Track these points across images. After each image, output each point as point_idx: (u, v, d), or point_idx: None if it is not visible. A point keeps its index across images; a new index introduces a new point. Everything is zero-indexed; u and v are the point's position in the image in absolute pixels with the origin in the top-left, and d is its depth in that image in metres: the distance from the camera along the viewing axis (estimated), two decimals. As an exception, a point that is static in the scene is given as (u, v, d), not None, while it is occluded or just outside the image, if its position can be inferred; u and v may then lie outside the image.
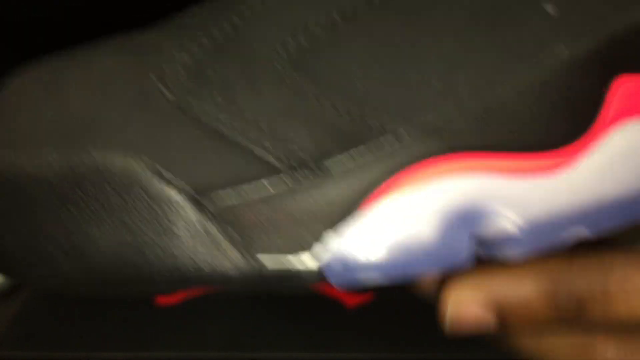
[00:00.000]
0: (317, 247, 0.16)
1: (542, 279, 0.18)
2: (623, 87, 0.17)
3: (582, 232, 0.17)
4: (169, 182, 0.16)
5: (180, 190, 0.16)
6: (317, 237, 0.16)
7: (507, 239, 0.17)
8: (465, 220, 0.16)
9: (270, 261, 0.16)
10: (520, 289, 0.18)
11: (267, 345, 0.35)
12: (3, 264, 0.18)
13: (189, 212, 0.16)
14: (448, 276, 0.18)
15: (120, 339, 0.38)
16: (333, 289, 0.32)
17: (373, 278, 0.16)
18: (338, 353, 0.33)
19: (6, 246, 0.18)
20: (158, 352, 0.37)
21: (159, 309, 0.38)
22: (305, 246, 0.16)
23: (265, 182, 0.16)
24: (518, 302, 0.18)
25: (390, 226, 0.16)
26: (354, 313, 0.34)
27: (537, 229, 0.17)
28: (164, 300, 0.38)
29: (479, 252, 0.17)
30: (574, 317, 0.18)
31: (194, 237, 0.16)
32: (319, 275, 0.16)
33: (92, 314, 0.40)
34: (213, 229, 0.16)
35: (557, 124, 0.17)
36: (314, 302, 0.35)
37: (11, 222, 0.17)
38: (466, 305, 0.18)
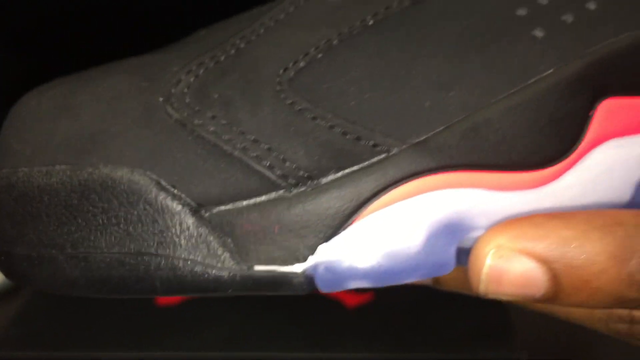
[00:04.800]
0: (310, 258, 0.17)
1: (614, 235, 0.15)
2: (607, 108, 0.18)
3: None
4: (172, 196, 0.17)
5: (183, 203, 0.17)
6: (310, 248, 0.17)
7: None
8: (450, 231, 0.17)
9: (265, 270, 0.17)
10: (585, 245, 0.15)
11: (267, 345, 0.35)
12: (10, 267, 0.19)
13: (190, 223, 0.17)
14: None
15: (121, 339, 0.38)
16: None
17: (361, 284, 0.17)
18: (338, 353, 0.33)
19: (15, 250, 0.19)
20: (158, 352, 0.37)
21: (159, 309, 0.38)
22: (299, 257, 0.17)
23: (263, 197, 0.17)
24: (580, 261, 0.14)
25: (379, 237, 0.17)
26: (354, 313, 0.34)
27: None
28: (165, 300, 0.38)
29: (462, 260, 0.18)
30: None
31: (194, 246, 0.17)
32: (310, 284, 0.17)
33: (93, 314, 0.40)
34: (211, 239, 0.17)
35: (543, 144, 0.18)
36: (314, 302, 0.35)
37: (21, 228, 0.18)
38: (513, 257, 0.15)
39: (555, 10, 0.19)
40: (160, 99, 0.18)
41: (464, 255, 0.18)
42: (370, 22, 0.19)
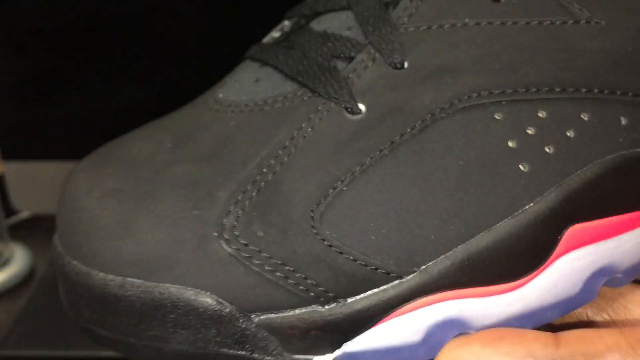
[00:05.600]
0: (337, 351, 0.23)
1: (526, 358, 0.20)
2: (572, 233, 0.23)
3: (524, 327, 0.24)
4: (229, 309, 0.22)
5: (237, 314, 0.22)
6: (337, 345, 0.23)
7: None
8: (444, 331, 0.23)
9: (300, 358, 0.23)
10: None
11: None
12: (92, 338, 0.24)
13: (244, 327, 0.23)
14: None
15: None
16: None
17: None
18: None
19: (97, 330, 0.24)
20: None
21: None
22: (328, 350, 0.23)
23: (302, 310, 0.22)
24: None
25: (389, 338, 0.23)
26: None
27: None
28: None
29: None
30: None
31: (247, 344, 0.23)
32: None
33: None
34: (261, 337, 0.23)
35: (519, 264, 0.23)
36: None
37: (101, 317, 0.23)
38: None
39: (540, 140, 0.23)
40: (215, 234, 0.22)
41: None
42: (386, 152, 0.23)
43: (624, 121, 0.23)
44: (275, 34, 0.29)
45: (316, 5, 0.27)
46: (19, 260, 0.52)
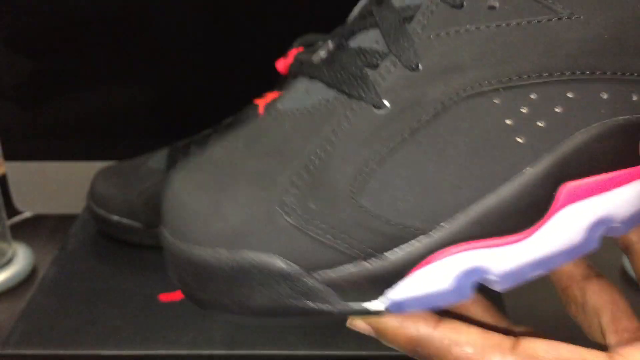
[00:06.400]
0: (380, 297, 0.29)
1: (410, 328, 0.29)
2: (567, 189, 0.28)
3: (539, 273, 0.29)
4: (295, 268, 0.29)
5: (302, 272, 0.29)
6: (381, 292, 0.29)
7: (492, 283, 0.29)
8: (469, 276, 0.29)
9: (356, 305, 0.29)
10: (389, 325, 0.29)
11: (268, 343, 0.37)
12: (195, 301, 0.31)
13: (308, 282, 0.29)
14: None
15: (124, 336, 0.39)
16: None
17: (411, 310, 0.29)
18: (338, 351, 0.35)
19: (199, 295, 0.31)
20: (161, 349, 0.39)
21: (161, 306, 0.39)
22: (375, 297, 0.29)
23: (348, 265, 0.29)
24: (390, 333, 0.30)
25: (423, 283, 0.29)
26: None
27: (510, 276, 0.29)
28: (167, 296, 0.40)
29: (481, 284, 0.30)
30: None
31: (312, 296, 0.29)
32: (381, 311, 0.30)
33: (96, 311, 0.41)
34: (321, 290, 0.29)
35: (523, 218, 0.28)
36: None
37: (200, 284, 0.30)
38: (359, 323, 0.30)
39: (533, 117, 0.28)
40: (277, 208, 0.29)
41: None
42: (407, 137, 0.29)
43: (605, 96, 0.28)
44: (323, 54, 0.36)
45: (352, 27, 0.34)
46: (21, 259, 0.54)
